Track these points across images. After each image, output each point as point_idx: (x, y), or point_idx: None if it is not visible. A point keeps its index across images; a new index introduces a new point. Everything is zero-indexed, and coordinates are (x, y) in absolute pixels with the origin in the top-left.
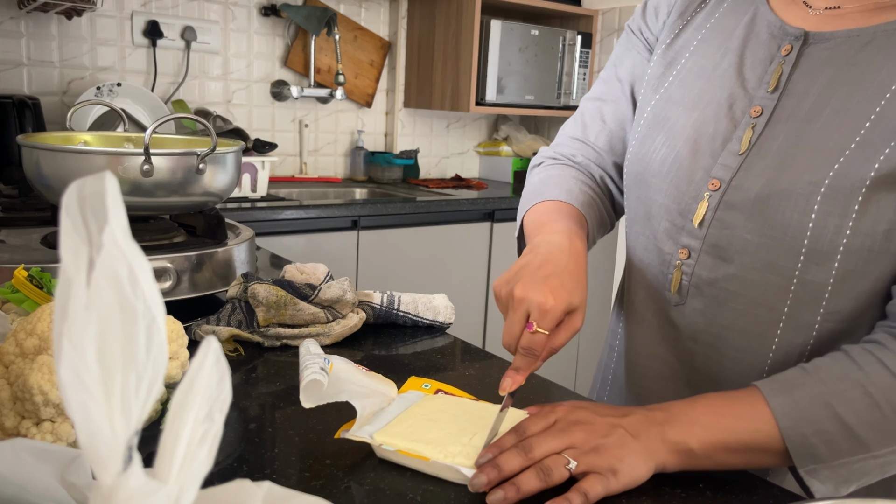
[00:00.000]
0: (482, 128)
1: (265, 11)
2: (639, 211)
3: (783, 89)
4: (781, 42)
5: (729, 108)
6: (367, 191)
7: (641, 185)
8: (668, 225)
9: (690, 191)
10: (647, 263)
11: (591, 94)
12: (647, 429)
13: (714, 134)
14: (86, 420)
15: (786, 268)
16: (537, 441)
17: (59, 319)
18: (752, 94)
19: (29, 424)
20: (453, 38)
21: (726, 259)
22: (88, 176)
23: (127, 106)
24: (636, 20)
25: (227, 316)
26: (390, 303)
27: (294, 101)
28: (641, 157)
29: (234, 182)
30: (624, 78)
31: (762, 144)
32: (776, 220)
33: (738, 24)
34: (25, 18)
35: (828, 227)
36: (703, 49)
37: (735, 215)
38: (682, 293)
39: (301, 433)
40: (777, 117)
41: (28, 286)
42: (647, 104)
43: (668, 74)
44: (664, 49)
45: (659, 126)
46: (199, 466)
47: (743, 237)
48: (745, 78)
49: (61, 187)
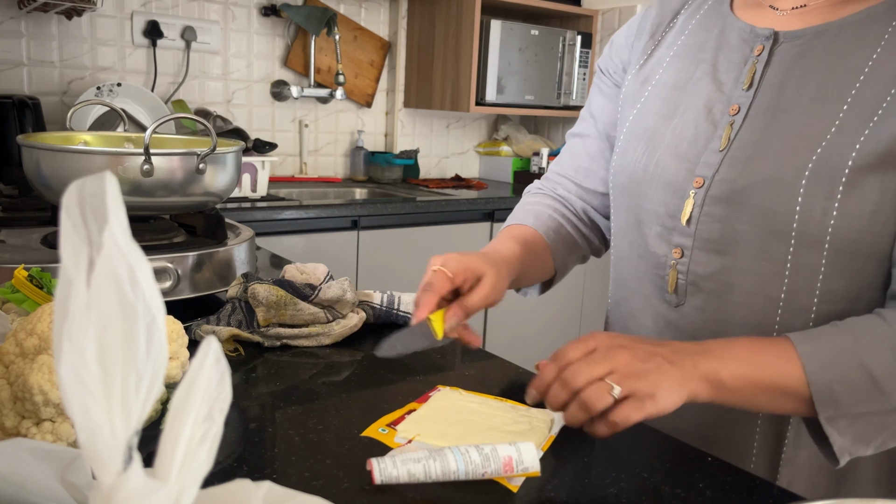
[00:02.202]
0: (482, 128)
1: (265, 11)
2: (628, 221)
3: (758, 86)
4: (753, 44)
5: (708, 112)
6: (367, 191)
7: (629, 195)
8: (659, 229)
9: (676, 192)
10: (643, 271)
11: (573, 129)
12: (682, 357)
13: (695, 137)
14: (86, 420)
15: (778, 253)
16: (579, 370)
17: (59, 319)
18: (728, 95)
19: (29, 424)
20: (453, 38)
21: (721, 252)
22: (88, 176)
23: (127, 106)
24: (603, 59)
25: (227, 316)
26: (390, 303)
27: (294, 101)
28: (625, 169)
29: (234, 182)
30: (596, 114)
31: (742, 139)
32: (764, 208)
33: (709, 37)
34: (25, 18)
35: (815, 210)
36: (676, 63)
37: (723, 208)
38: (679, 293)
39: (301, 433)
40: (755, 112)
41: (28, 286)
42: (625, 120)
43: (644, 90)
44: (638, 69)
45: (639, 137)
46: (199, 466)
47: (734, 227)
48: (720, 82)
49: (61, 187)
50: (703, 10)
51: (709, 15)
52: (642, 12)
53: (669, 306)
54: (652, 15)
